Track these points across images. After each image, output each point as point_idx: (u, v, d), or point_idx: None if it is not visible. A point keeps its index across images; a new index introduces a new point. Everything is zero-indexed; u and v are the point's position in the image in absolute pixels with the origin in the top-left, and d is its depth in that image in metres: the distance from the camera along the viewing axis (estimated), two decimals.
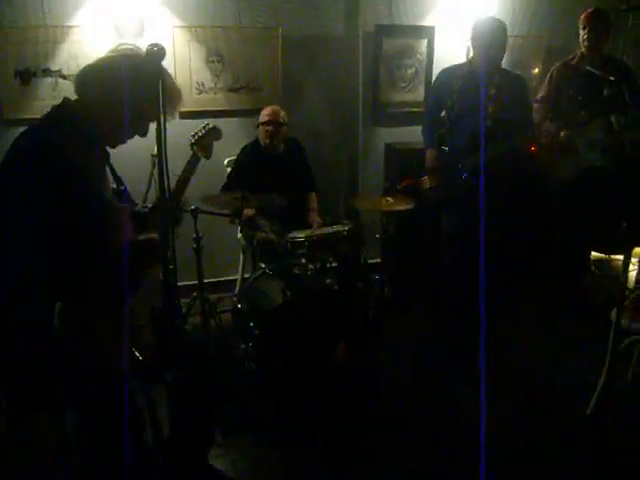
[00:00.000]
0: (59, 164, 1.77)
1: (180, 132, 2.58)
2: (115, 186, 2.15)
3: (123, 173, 2.23)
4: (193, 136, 2.53)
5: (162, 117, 1.63)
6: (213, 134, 2.56)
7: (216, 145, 2.62)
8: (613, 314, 2.92)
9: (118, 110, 1.89)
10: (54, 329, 1.75)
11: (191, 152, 2.47)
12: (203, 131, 2.55)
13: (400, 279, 4.44)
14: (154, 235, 1.97)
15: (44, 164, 1.76)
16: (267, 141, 3.94)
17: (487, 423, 2.73)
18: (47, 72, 3.85)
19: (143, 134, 2.04)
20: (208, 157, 2.51)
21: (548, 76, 4.32)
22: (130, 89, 1.88)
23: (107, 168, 2.12)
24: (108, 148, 2.08)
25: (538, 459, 2.79)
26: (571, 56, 4.22)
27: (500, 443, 2.70)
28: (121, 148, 2.16)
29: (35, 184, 1.74)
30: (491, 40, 3.48)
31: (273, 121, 3.91)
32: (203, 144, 2.50)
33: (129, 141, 2.10)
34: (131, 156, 2.82)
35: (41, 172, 1.75)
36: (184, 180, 2.35)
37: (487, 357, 2.88)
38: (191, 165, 2.39)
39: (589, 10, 4.07)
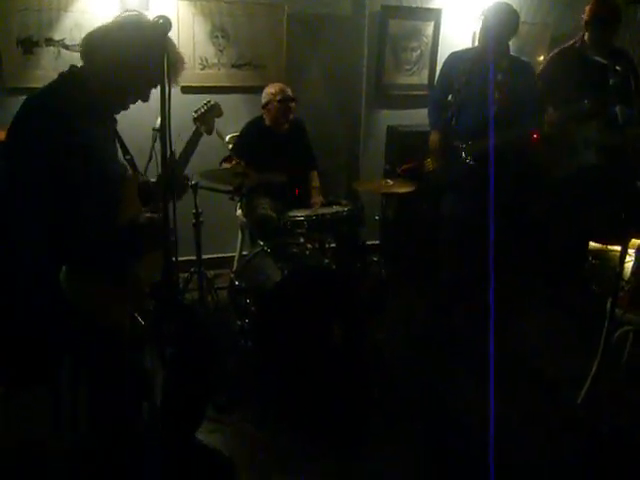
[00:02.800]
0: (64, 130, 1.79)
1: (183, 107, 2.60)
2: (123, 155, 2.18)
3: None
4: (195, 112, 2.59)
5: (167, 89, 1.63)
6: (214, 110, 2.63)
7: (218, 121, 2.65)
8: (608, 304, 2.93)
9: (124, 75, 1.92)
10: (60, 288, 1.77)
11: (194, 127, 2.51)
12: (205, 107, 2.61)
13: (398, 261, 4.46)
14: (154, 216, 1.99)
15: (49, 130, 1.78)
16: (282, 120, 3.89)
17: (479, 412, 2.79)
18: (50, 41, 3.81)
19: (145, 99, 2.06)
20: (210, 133, 2.58)
21: (544, 64, 4.17)
22: (136, 54, 1.89)
23: (115, 137, 2.15)
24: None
25: (527, 446, 2.81)
26: (572, 42, 4.03)
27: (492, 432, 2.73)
28: (122, 122, 2.17)
29: (39, 149, 1.77)
30: (502, 27, 3.44)
31: (288, 97, 3.87)
32: (205, 120, 2.56)
33: (130, 115, 2.12)
34: (132, 130, 2.81)
35: (46, 137, 1.77)
36: (185, 154, 2.37)
37: (485, 343, 2.92)
38: (193, 140, 2.43)
39: (597, 3, 3.80)
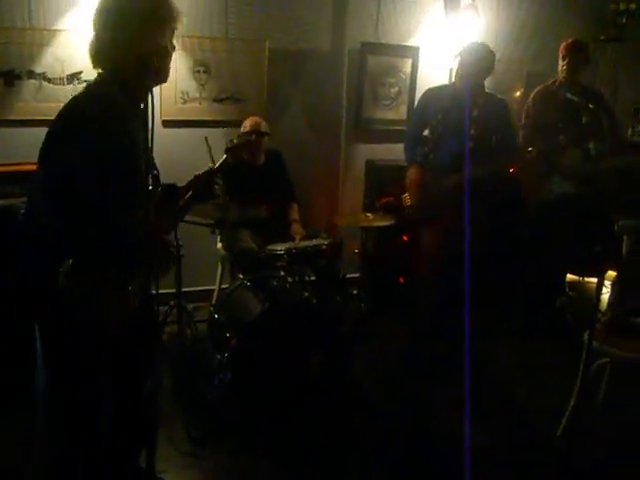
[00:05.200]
0: (100, 113, 1.81)
1: (164, 141, 2.60)
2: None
3: None
4: (230, 142, 2.72)
5: (150, 124, 1.66)
6: (247, 146, 2.82)
7: (200, 155, 2.67)
8: (586, 336, 2.95)
9: (144, 44, 1.89)
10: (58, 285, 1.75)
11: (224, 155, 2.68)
12: (241, 140, 2.78)
13: (378, 295, 4.46)
14: (170, 239, 2.00)
15: (85, 134, 1.80)
16: (248, 152, 3.93)
17: (458, 442, 2.78)
18: (31, 74, 3.81)
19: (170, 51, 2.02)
20: (233, 164, 2.70)
21: (529, 101, 4.39)
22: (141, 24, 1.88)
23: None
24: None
25: (506, 477, 2.81)
26: (552, 80, 4.31)
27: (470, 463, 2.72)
28: None
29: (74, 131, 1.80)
30: (477, 66, 3.55)
31: (255, 131, 3.92)
32: (235, 152, 2.71)
33: None
34: None
35: (84, 141, 1.79)
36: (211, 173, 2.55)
37: (462, 376, 2.92)
38: (220, 168, 2.61)
39: (568, 41, 4.19)
